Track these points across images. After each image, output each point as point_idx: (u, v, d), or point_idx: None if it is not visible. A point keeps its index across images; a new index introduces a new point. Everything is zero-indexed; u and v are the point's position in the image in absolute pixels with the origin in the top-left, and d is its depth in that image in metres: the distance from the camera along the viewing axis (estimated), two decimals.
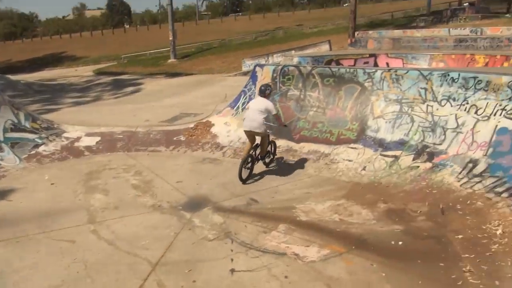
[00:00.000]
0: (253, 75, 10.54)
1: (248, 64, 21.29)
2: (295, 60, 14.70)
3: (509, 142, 6.24)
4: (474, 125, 6.85)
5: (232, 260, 4.82)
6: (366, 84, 8.65)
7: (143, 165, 8.52)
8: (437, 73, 7.74)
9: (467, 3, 26.11)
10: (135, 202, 6.70)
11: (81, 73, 33.09)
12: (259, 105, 7.39)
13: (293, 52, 20.71)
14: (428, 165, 6.96)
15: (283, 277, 4.43)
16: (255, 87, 10.34)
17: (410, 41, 19.37)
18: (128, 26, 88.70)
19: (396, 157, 7.43)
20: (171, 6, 31.32)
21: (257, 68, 10.49)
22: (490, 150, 6.41)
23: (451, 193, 6.16)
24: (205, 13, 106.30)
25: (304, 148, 8.61)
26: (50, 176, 8.08)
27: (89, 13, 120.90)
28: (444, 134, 7.20)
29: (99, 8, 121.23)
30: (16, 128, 9.74)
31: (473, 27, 19.67)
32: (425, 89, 7.79)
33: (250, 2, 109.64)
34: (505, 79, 6.72)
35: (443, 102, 7.49)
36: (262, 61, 21.50)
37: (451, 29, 20.01)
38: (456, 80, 7.42)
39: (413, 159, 7.24)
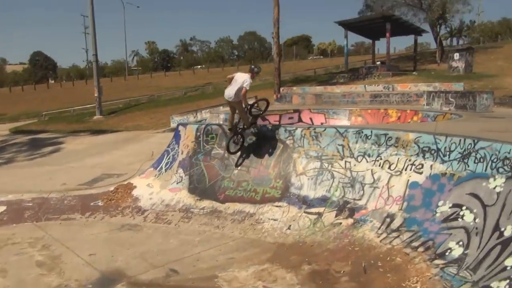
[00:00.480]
0: (176, 134, 10.34)
1: (176, 120, 21.07)
2: (222, 117, 14.82)
3: (420, 196, 6.53)
4: (389, 180, 7.14)
5: None
6: (287, 142, 8.80)
7: (52, 237, 7.70)
8: (352, 130, 8.09)
9: (379, 62, 28.71)
10: (38, 283, 5.91)
11: None
12: (239, 77, 8.50)
13: (221, 108, 20.95)
14: (350, 221, 7.04)
15: None
16: (178, 147, 10.12)
17: (330, 96, 20.56)
18: (53, 82, 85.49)
19: (320, 214, 7.45)
20: (96, 62, 30.73)
21: (180, 127, 10.32)
22: (405, 204, 6.65)
23: (372, 250, 6.20)
24: (135, 68, 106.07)
25: (229, 208, 8.38)
26: None
27: (10, 68, 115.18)
28: (363, 189, 7.41)
29: (21, 63, 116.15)
30: None
31: (385, 84, 21.43)
32: (342, 146, 8.08)
33: (182, 58, 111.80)
34: (412, 136, 7.17)
35: (359, 158, 7.78)
36: (191, 117, 21.47)
37: (366, 85, 21.63)
38: (369, 137, 7.79)
39: (336, 216, 7.30)
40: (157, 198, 9.18)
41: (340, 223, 7.08)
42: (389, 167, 7.27)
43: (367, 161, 7.64)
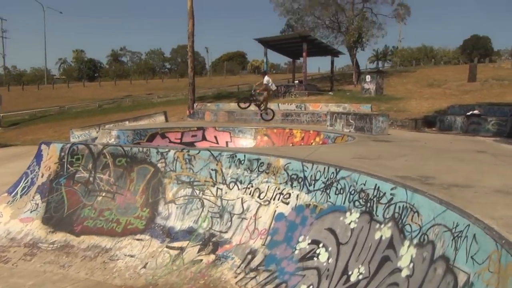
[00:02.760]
0: (38, 154, 8.94)
1: (77, 135, 19.29)
2: (114, 133, 13.55)
3: (284, 230, 5.91)
4: (257, 210, 6.48)
5: None
6: (159, 165, 7.86)
7: None
8: (226, 154, 7.37)
9: (297, 81, 28.98)
10: None
11: None
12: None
13: (127, 123, 19.56)
14: (212, 257, 6.23)
15: None
16: (39, 169, 8.73)
17: (243, 114, 20.03)
18: None
19: (182, 249, 6.56)
20: None
21: (43, 146, 8.95)
22: (268, 238, 6.00)
23: None
24: (59, 77, 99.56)
25: (84, 242, 7.20)
26: None
27: None
28: (231, 220, 6.67)
29: None
30: None
31: (299, 103, 21.42)
32: (216, 171, 7.32)
33: (113, 67, 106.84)
34: (282, 161, 6.59)
35: (231, 185, 7.06)
36: (94, 132, 19.75)
37: (280, 104, 21.46)
38: (242, 162, 7.11)
39: (199, 251, 6.45)
40: (3, 230, 7.73)
41: (201, 260, 6.24)
42: (258, 196, 6.62)
43: (239, 188, 6.95)
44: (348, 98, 24.80)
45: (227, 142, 15.29)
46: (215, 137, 15.43)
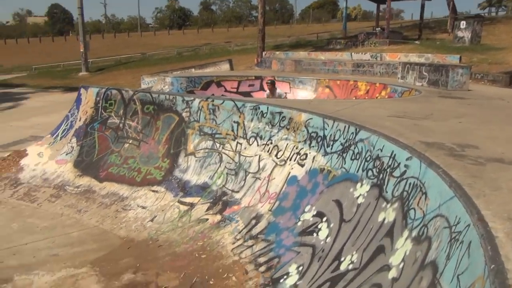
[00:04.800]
0: (77, 98, 9.02)
1: (147, 82, 19.67)
2: (168, 80, 13.39)
3: (293, 196, 5.11)
4: (272, 171, 5.73)
5: None
6: (183, 114, 7.38)
7: None
8: (249, 106, 6.59)
9: (379, 28, 26.19)
10: None
11: None
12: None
13: (193, 70, 19.44)
14: (217, 218, 5.71)
15: None
16: (78, 112, 8.82)
17: (311, 63, 18.68)
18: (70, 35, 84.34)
19: (192, 206, 6.13)
20: (82, 17, 29.23)
21: (82, 90, 8.98)
22: (276, 204, 5.26)
23: (217, 261, 4.88)
24: (154, 26, 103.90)
25: (105, 189, 7.14)
26: None
27: (32, 20, 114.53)
28: (245, 179, 6.02)
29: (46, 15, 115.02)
30: None
31: (376, 53, 19.36)
32: (238, 123, 6.62)
33: (199, 15, 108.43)
34: (303, 116, 5.66)
35: (251, 140, 6.34)
36: (168, 79, 20.03)
37: (353, 53, 19.59)
38: (265, 115, 6.30)
39: (207, 209, 5.97)
40: (40, 170, 8.02)
41: (207, 219, 5.75)
42: (276, 154, 5.83)
43: (258, 145, 6.20)
44: (436, 47, 21.80)
45: (286, 93, 14.35)
46: None
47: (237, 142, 6.51)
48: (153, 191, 6.74)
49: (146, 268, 4.92)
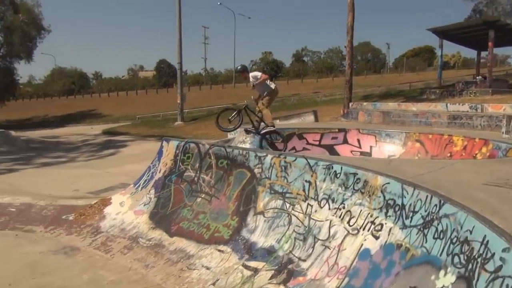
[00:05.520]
0: (160, 150, 9.39)
1: (233, 133, 20.25)
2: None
3: (365, 274, 4.44)
4: (343, 240, 5.13)
5: None
6: (255, 170, 7.16)
7: None
8: (322, 164, 6.15)
9: (479, 77, 24.09)
10: None
11: (92, 131, 33.77)
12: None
13: (277, 121, 19.54)
14: None
15: None
16: (158, 164, 9.13)
17: (401, 115, 17.64)
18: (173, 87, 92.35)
19: (256, 271, 5.71)
20: (180, 71, 31.77)
21: (164, 143, 9.35)
22: (345, 281, 4.61)
23: None
24: None
25: (174, 244, 7.06)
26: None
27: (143, 74, 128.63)
28: (313, 246, 5.48)
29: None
30: None
31: (477, 103, 17.66)
32: (309, 183, 6.19)
33: (291, 67, 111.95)
34: (380, 180, 5.05)
35: (322, 203, 5.84)
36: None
37: (449, 104, 18.09)
38: (338, 175, 5.80)
39: (271, 277, 5.49)
40: (119, 220, 8.31)
41: None
42: (348, 221, 5.24)
43: (329, 208, 5.68)
44: None
45: (371, 147, 13.57)
46: (358, 141, 13.84)
47: (308, 204, 6.04)
48: (219, 250, 6.47)
49: None
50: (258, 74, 9.78)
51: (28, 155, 20.67)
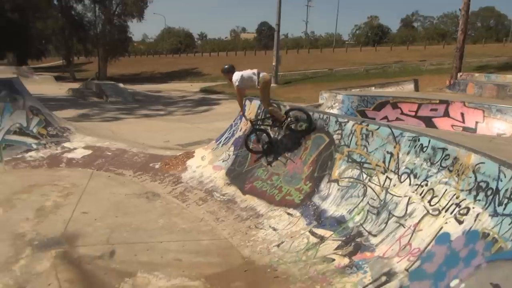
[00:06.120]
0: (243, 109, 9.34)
1: (324, 97, 19.61)
2: (339, 98, 12.93)
3: (440, 260, 3.94)
4: (421, 219, 4.61)
5: None
6: (335, 136, 6.76)
7: (82, 188, 8.08)
8: (408, 135, 5.53)
9: None
10: (12, 225, 6.21)
11: (191, 88, 35.48)
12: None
13: (372, 88, 18.40)
14: (345, 261, 4.90)
15: None
16: (240, 123, 9.15)
17: None
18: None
19: (322, 239, 5.47)
20: (278, 33, 31.35)
21: (247, 102, 9.27)
22: (417, 263, 4.16)
23: None
24: (349, 42, 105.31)
25: (245, 202, 7.09)
26: (2, 181, 8.26)
27: (244, 36, 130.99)
28: (387, 222, 5.03)
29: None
30: (21, 131, 10.39)
31: None
32: (391, 155, 5.65)
33: (397, 32, 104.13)
34: (473, 158, 4.36)
35: (403, 177, 5.30)
36: (339, 96, 19.65)
37: None
38: (424, 149, 5.18)
39: (336, 248, 5.21)
40: (199, 173, 8.58)
41: (333, 260, 5.00)
42: (430, 201, 4.68)
43: (410, 184, 5.13)
44: None
45: (476, 123, 12.07)
46: (462, 115, 12.39)
47: (387, 177, 5.53)
48: (288, 213, 6.32)
49: None
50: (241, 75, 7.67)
51: (132, 106, 22.50)
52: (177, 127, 15.69)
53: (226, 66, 7.87)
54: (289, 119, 7.67)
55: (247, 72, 7.68)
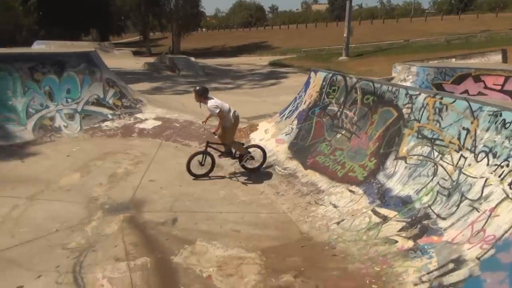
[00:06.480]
0: (307, 81, 9.09)
1: (397, 69, 18.50)
2: (413, 70, 12.08)
3: None
4: (498, 204, 4.16)
5: None
6: (404, 111, 6.28)
7: (151, 157, 8.46)
8: (488, 110, 4.96)
9: None
10: (87, 189, 6.68)
11: (260, 62, 35.42)
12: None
13: (453, 60, 16.91)
14: (409, 244, 4.60)
15: None
16: (304, 95, 8.90)
17: None
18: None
19: (385, 219, 5.19)
20: (350, 2, 29.83)
21: (312, 74, 8.97)
22: (490, 252, 3.78)
23: None
24: (430, 11, 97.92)
25: (306, 177, 6.94)
26: (81, 149, 8.91)
27: (316, 7, 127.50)
28: (458, 205, 4.62)
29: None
30: (98, 102, 11.08)
31: None
32: (467, 131, 5.13)
33: None
34: None
35: (480, 156, 4.79)
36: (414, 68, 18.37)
37: None
38: (507, 126, 4.62)
39: (400, 229, 4.91)
40: (262, 145, 8.54)
41: (396, 242, 4.73)
42: (510, 184, 4.18)
43: (488, 164, 4.63)
44: None
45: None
46: None
47: (461, 155, 5.03)
48: (350, 191, 6.08)
49: (309, 275, 4.42)
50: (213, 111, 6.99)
51: (202, 80, 23.00)
52: (244, 100, 15.75)
53: (198, 88, 7.23)
54: (249, 155, 7.39)
55: (222, 102, 7.19)
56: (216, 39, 64.05)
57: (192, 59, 28.91)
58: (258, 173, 7.48)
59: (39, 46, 27.23)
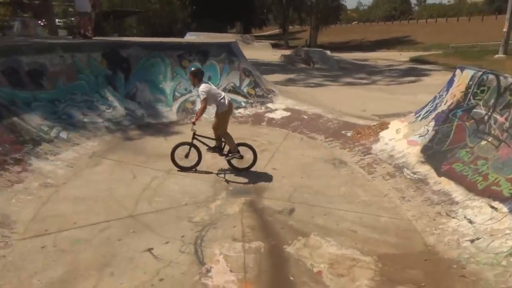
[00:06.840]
0: (450, 79, 8.16)
1: None
2: None
3: None
4: None
5: None
6: None
7: (277, 146, 8.65)
8: None
9: None
10: (214, 169, 7.15)
11: (400, 57, 33.35)
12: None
13: None
14: None
15: None
16: (446, 95, 8.04)
17: None
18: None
19: None
20: None
21: (457, 71, 8.01)
22: None
23: None
24: None
25: (439, 185, 6.26)
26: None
27: None
28: None
29: None
30: (234, 90, 11.78)
31: None
32: None
33: None
34: None
35: None
36: None
37: None
38: None
39: None
40: (391, 146, 8.03)
41: None
42: None
43: None
44: None
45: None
46: None
47: None
48: (492, 207, 5.29)
49: None
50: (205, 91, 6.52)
51: (336, 74, 22.65)
52: (377, 97, 15.04)
53: (194, 69, 6.95)
54: (237, 154, 6.93)
55: (215, 88, 6.93)
56: (354, 33, 62.29)
57: (328, 52, 28.62)
58: (384, 175, 7.05)
59: (191, 37, 30.03)
